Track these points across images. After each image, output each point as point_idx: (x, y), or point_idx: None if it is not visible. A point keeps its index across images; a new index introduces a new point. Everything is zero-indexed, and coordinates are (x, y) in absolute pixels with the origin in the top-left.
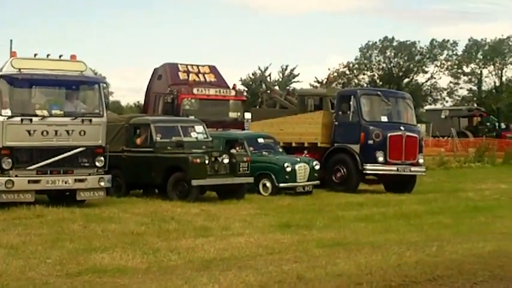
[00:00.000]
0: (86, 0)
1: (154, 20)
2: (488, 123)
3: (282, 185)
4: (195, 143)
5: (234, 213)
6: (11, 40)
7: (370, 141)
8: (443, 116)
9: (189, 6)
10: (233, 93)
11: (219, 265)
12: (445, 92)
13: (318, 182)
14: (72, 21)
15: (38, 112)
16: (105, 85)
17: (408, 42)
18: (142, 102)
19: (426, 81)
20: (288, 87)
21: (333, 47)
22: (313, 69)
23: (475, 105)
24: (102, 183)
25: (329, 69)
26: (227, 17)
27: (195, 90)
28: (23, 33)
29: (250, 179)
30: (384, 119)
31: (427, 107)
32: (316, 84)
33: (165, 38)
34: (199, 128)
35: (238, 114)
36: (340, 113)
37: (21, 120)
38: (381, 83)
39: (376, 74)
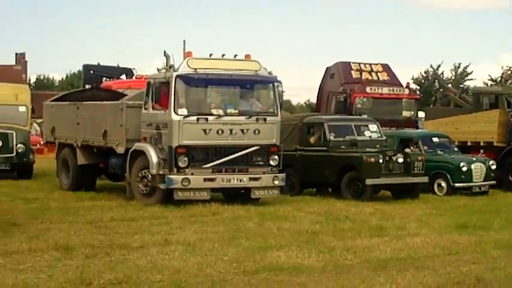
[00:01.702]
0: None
1: (325, 18)
2: None
3: (457, 184)
4: (368, 142)
5: (409, 213)
6: (184, 40)
7: None
8: None
9: (361, 5)
10: (406, 91)
11: (396, 265)
12: None
13: (494, 182)
14: (244, 20)
15: (214, 111)
16: (279, 84)
17: None
18: (313, 101)
19: None
20: (461, 85)
21: (507, 45)
22: (486, 67)
23: None
24: (277, 182)
25: (502, 67)
26: (399, 14)
27: (368, 89)
28: (194, 33)
29: (425, 179)
30: None
31: None
32: (490, 82)
33: (336, 37)
34: (373, 127)
35: (412, 113)
36: None
37: (197, 119)
38: None
39: None
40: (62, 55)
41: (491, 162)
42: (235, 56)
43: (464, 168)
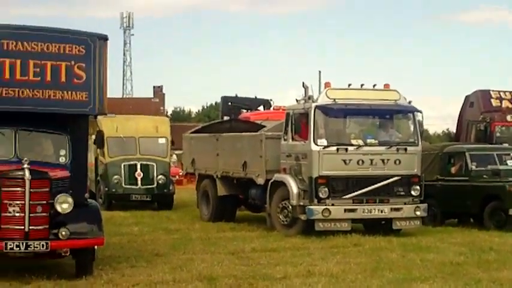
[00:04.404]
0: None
1: (460, 47)
2: None
3: None
4: (511, 171)
5: None
6: (320, 71)
7: None
8: None
9: (498, 33)
10: None
11: None
12: None
13: None
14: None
15: (353, 141)
16: (419, 114)
17: None
18: (451, 130)
19: None
20: None
21: None
22: None
23: None
24: (418, 213)
25: None
26: None
27: (508, 117)
28: (330, 62)
29: None
30: None
31: None
32: None
33: (472, 66)
34: None
35: None
36: None
37: (337, 149)
38: None
39: None
40: (198, 87)
41: None
42: (374, 85)
43: None
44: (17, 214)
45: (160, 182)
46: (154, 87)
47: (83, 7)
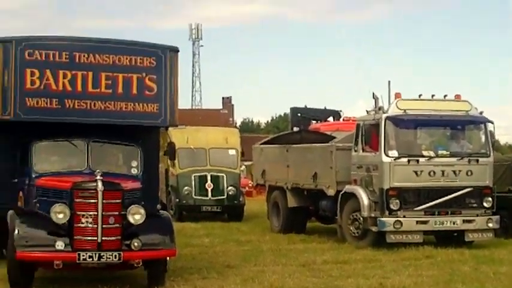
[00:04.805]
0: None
1: None
2: None
3: None
4: None
5: None
6: (389, 81)
7: None
8: None
9: None
10: None
11: None
12: None
13: None
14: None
15: (424, 153)
16: (491, 124)
17: None
18: None
19: None
20: None
21: None
22: None
23: None
24: (491, 224)
25: None
26: None
27: None
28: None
29: None
30: None
31: None
32: None
33: None
34: None
35: None
36: None
37: (408, 161)
38: None
39: None
40: (267, 98)
41: None
42: (445, 96)
43: None
44: (90, 225)
45: (230, 193)
46: (223, 98)
47: (151, 19)
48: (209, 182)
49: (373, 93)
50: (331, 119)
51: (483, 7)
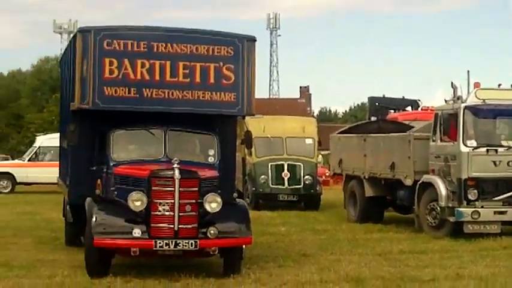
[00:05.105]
0: None
1: None
2: None
3: None
4: None
5: None
6: (468, 71)
7: None
8: None
9: None
10: None
11: None
12: None
13: None
14: None
15: (503, 143)
16: None
17: None
18: None
19: None
20: None
21: None
22: None
23: None
24: None
25: None
26: None
27: None
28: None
29: None
30: None
31: None
32: None
33: None
34: None
35: None
36: None
37: (487, 150)
38: None
39: None
40: (345, 88)
41: None
42: None
43: None
44: (167, 213)
45: (307, 182)
46: (300, 87)
47: (229, 9)
48: (286, 171)
49: (452, 83)
50: (409, 108)
51: None
